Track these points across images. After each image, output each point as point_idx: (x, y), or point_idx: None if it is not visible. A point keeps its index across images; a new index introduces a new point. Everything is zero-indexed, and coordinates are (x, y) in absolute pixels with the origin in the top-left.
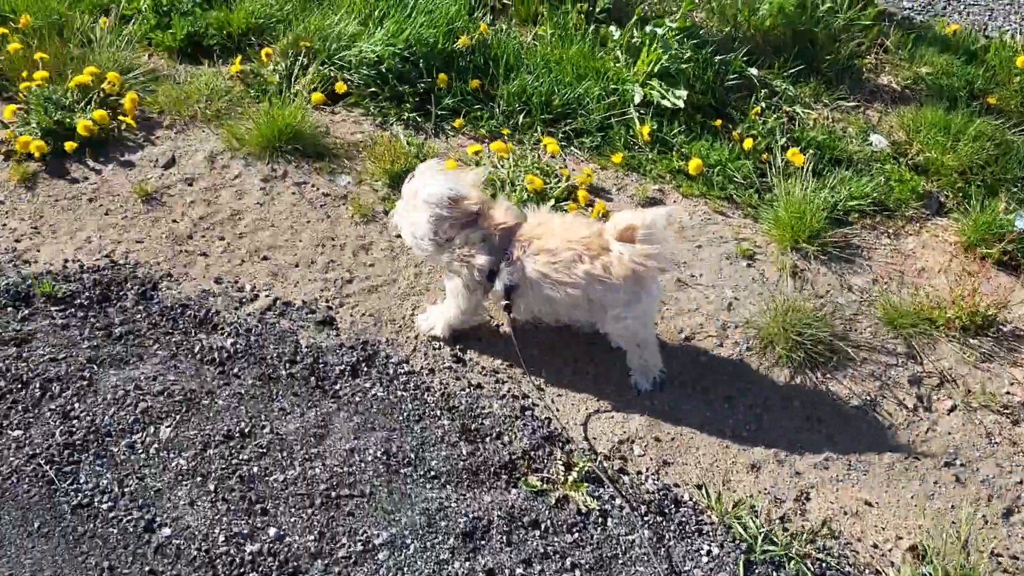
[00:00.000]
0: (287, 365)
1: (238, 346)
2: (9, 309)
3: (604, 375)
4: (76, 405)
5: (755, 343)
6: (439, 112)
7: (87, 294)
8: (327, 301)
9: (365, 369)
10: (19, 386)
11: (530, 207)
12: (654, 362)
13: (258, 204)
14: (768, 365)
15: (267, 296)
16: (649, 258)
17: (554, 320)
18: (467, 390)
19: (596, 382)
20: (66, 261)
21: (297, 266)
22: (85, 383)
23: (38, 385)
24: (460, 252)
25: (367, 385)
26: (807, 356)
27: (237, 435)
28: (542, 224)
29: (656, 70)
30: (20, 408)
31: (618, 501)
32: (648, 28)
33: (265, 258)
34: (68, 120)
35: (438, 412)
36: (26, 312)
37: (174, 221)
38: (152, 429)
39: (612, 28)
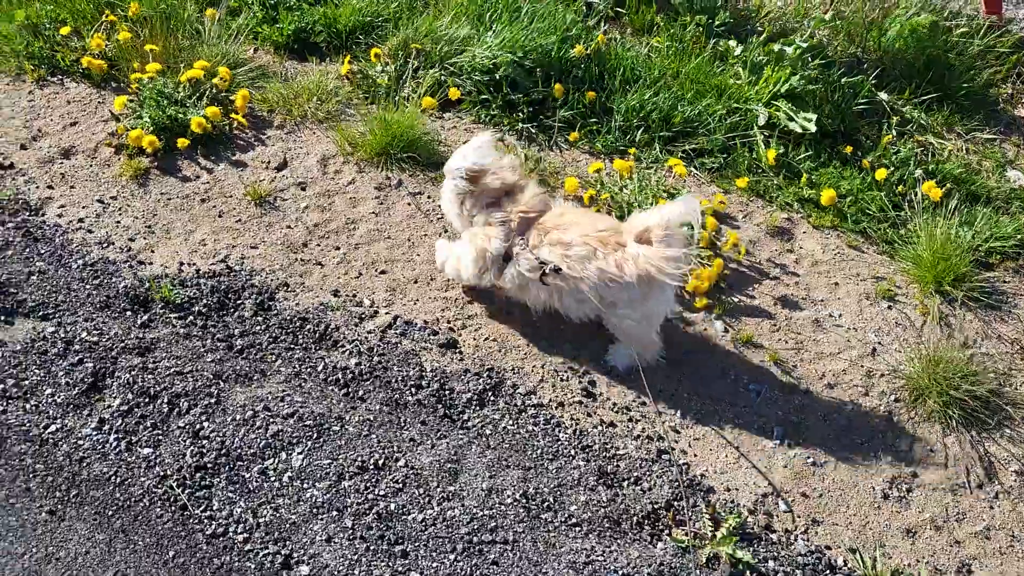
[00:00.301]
0: (413, 390)
1: (362, 367)
2: (128, 313)
3: (743, 419)
4: (205, 424)
5: (904, 394)
6: (552, 124)
7: (205, 301)
8: (448, 322)
9: (492, 398)
10: (146, 400)
11: (558, 198)
12: (641, 354)
13: (373, 214)
14: (918, 420)
15: (387, 313)
16: (667, 261)
17: (547, 309)
18: (599, 428)
19: (735, 427)
20: (181, 264)
21: (416, 282)
22: (213, 400)
23: (165, 400)
24: (480, 231)
25: (496, 416)
26: (962, 413)
27: (371, 467)
28: (564, 215)
29: (783, 90)
30: (148, 424)
31: (771, 563)
32: (776, 46)
33: (383, 272)
34: (181, 115)
35: (572, 451)
36: (145, 318)
37: (288, 227)
38: (284, 455)
39: (732, 43)
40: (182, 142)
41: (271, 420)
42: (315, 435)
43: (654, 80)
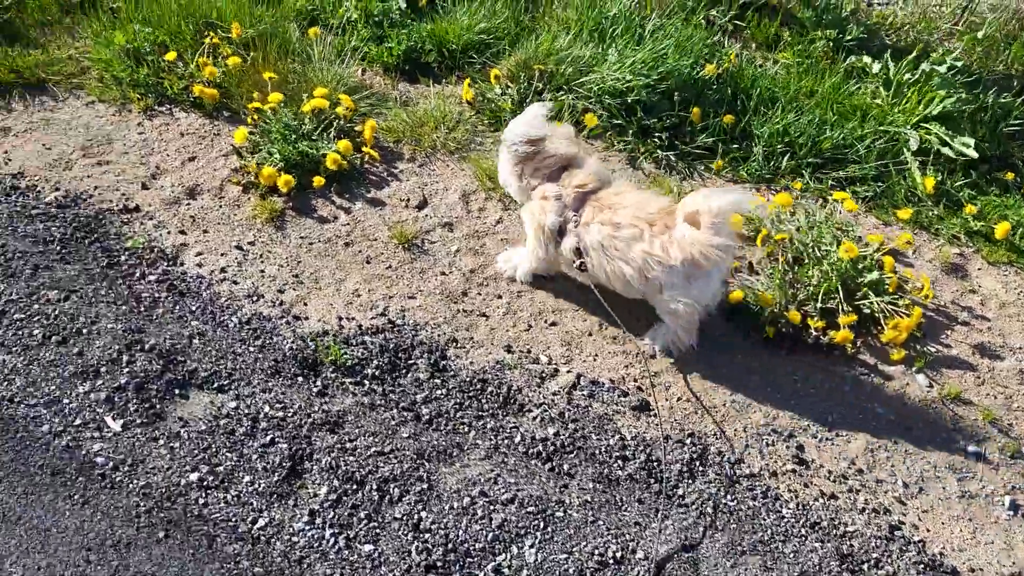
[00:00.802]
0: (620, 463)
1: (562, 438)
2: (300, 379)
3: (967, 486)
4: (422, 514)
5: None
6: (690, 151)
7: (376, 362)
8: (635, 380)
9: (700, 469)
10: (353, 486)
11: (618, 176)
12: (684, 339)
13: None
14: None
15: (568, 371)
16: (712, 248)
17: (613, 288)
18: (821, 501)
19: (962, 496)
20: (340, 319)
21: (590, 335)
22: (425, 486)
23: (374, 486)
24: (535, 205)
25: (712, 490)
26: None
27: (611, 561)
28: (620, 194)
29: (934, 112)
30: (362, 515)
31: None
32: (925, 65)
33: (553, 323)
34: (312, 151)
35: (801, 530)
36: (319, 385)
37: (443, 273)
38: (515, 549)
39: (867, 59)
40: (318, 180)
41: (492, 508)
42: (541, 524)
43: (789, 100)
